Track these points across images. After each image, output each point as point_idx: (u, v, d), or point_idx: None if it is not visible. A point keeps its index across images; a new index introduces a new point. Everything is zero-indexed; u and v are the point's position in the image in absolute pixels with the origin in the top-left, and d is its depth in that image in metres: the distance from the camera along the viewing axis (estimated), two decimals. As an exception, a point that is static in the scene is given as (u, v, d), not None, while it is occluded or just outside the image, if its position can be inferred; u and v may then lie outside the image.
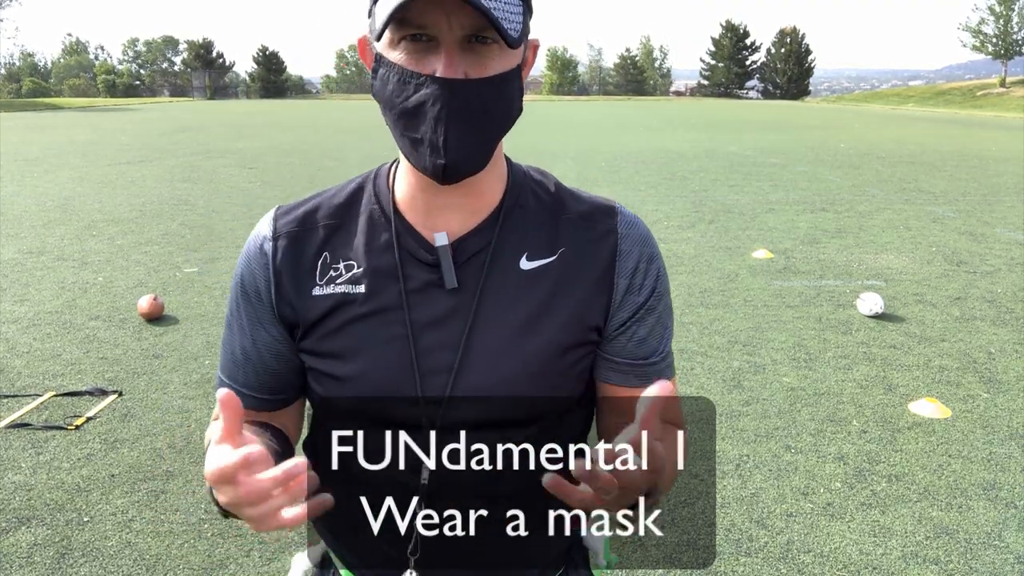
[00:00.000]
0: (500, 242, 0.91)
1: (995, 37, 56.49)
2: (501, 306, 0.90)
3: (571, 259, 0.91)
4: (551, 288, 0.91)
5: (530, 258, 0.91)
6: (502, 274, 0.90)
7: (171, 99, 69.44)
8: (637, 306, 0.94)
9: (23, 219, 8.98)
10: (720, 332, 5.12)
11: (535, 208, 0.94)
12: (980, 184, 12.24)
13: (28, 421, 3.75)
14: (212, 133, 23.46)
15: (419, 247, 0.91)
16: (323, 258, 0.92)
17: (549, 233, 0.92)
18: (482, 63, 0.82)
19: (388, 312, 0.90)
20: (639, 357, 0.96)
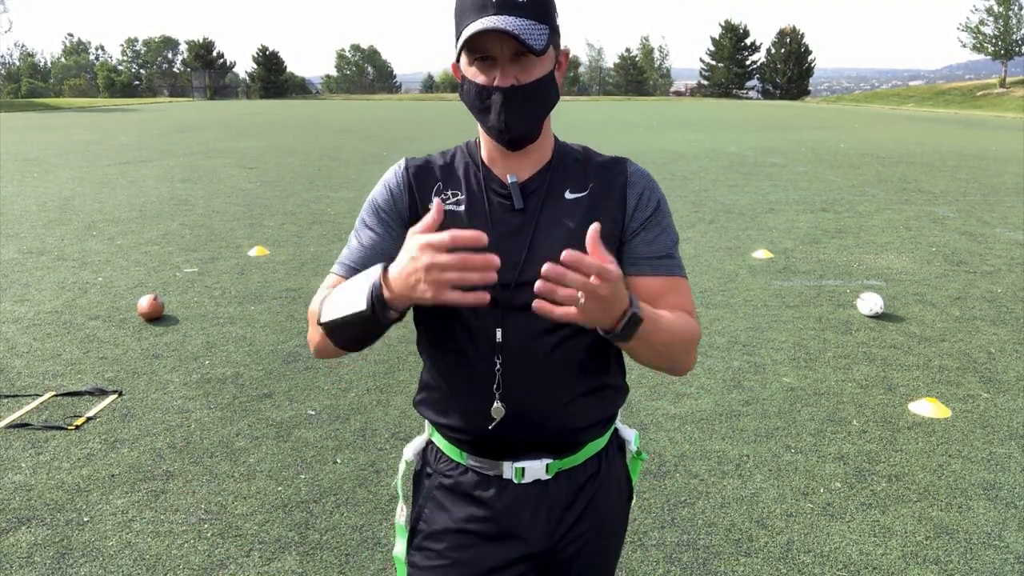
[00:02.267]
0: (551, 182, 1.32)
1: (995, 37, 56.47)
2: (552, 222, 1.29)
3: (597, 191, 1.32)
4: (585, 210, 1.30)
5: (571, 192, 1.32)
6: (554, 201, 1.31)
7: (171, 99, 69.42)
8: (644, 219, 1.31)
9: (23, 219, 8.98)
10: (720, 332, 5.12)
11: (572, 162, 1.35)
12: (980, 184, 12.24)
13: (28, 421, 3.75)
14: (212, 133, 23.45)
15: (498, 184, 1.32)
16: (437, 186, 1.33)
17: (583, 177, 1.34)
18: (526, 70, 1.22)
19: (478, 223, 1.28)
20: (651, 255, 1.31)
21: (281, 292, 6.00)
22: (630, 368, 4.66)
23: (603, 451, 1.39)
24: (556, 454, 1.32)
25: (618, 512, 1.44)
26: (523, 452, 1.31)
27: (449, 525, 1.35)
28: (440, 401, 1.36)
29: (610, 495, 1.40)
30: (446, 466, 1.38)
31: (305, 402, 4.01)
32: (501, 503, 1.33)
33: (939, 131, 25.70)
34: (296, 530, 2.89)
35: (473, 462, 1.34)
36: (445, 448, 1.38)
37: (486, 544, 1.33)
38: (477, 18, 1.17)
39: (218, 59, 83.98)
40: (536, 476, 1.32)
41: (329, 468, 3.34)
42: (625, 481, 1.46)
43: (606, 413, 1.37)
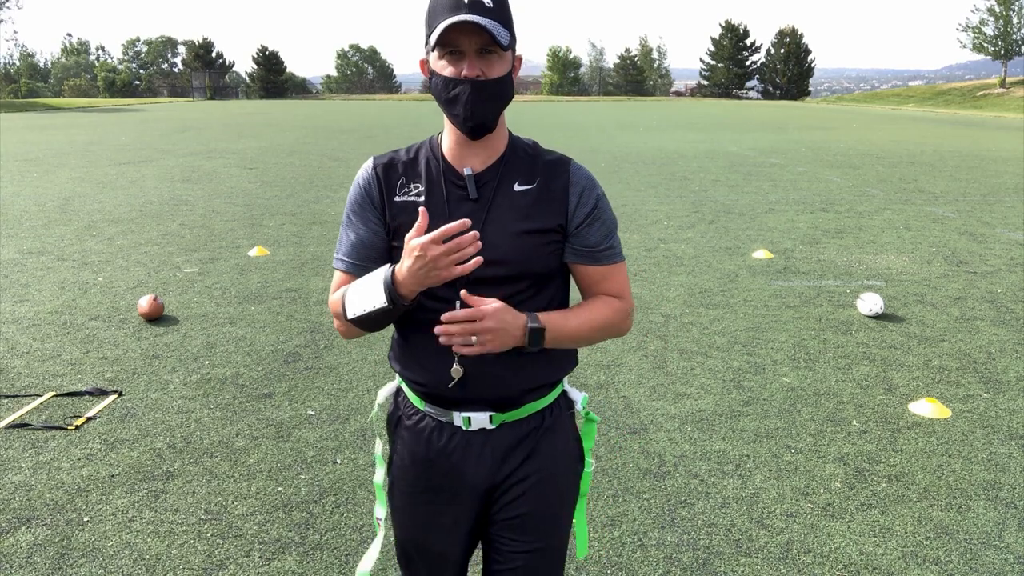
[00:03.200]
0: (502, 175, 1.50)
1: (995, 37, 56.46)
2: (502, 209, 1.48)
3: (543, 186, 1.50)
4: (532, 201, 1.49)
5: (520, 184, 1.50)
6: (504, 192, 1.49)
7: (171, 99, 69.40)
8: (585, 214, 1.50)
9: (23, 219, 8.98)
10: (720, 332, 5.12)
11: (523, 157, 1.53)
12: (980, 184, 12.24)
13: (28, 421, 3.75)
14: (212, 133, 23.45)
15: (455, 176, 1.50)
16: (401, 180, 1.52)
17: (531, 171, 1.51)
18: (490, 66, 1.39)
19: (436, 211, 1.47)
20: (591, 247, 1.52)
21: (281, 292, 6.00)
22: (630, 369, 4.63)
23: (547, 409, 1.58)
24: (498, 409, 1.53)
25: (564, 467, 1.61)
26: (470, 405, 1.52)
27: (412, 460, 1.61)
28: (407, 358, 1.58)
29: (554, 448, 1.59)
30: (410, 410, 1.62)
31: (305, 402, 4.01)
32: (451, 445, 1.56)
33: (939, 131, 25.70)
34: (296, 530, 2.89)
35: (430, 409, 1.57)
36: (409, 395, 1.62)
37: (439, 477, 1.58)
38: (450, 16, 1.34)
39: (218, 59, 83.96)
40: (481, 425, 1.54)
41: (329, 468, 3.34)
42: (574, 440, 1.65)
43: (551, 378, 1.57)
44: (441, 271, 1.30)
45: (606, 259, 1.53)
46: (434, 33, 1.35)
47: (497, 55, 1.38)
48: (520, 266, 1.46)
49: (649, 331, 5.13)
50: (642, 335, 5.05)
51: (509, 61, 1.42)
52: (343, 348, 4.78)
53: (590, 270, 1.53)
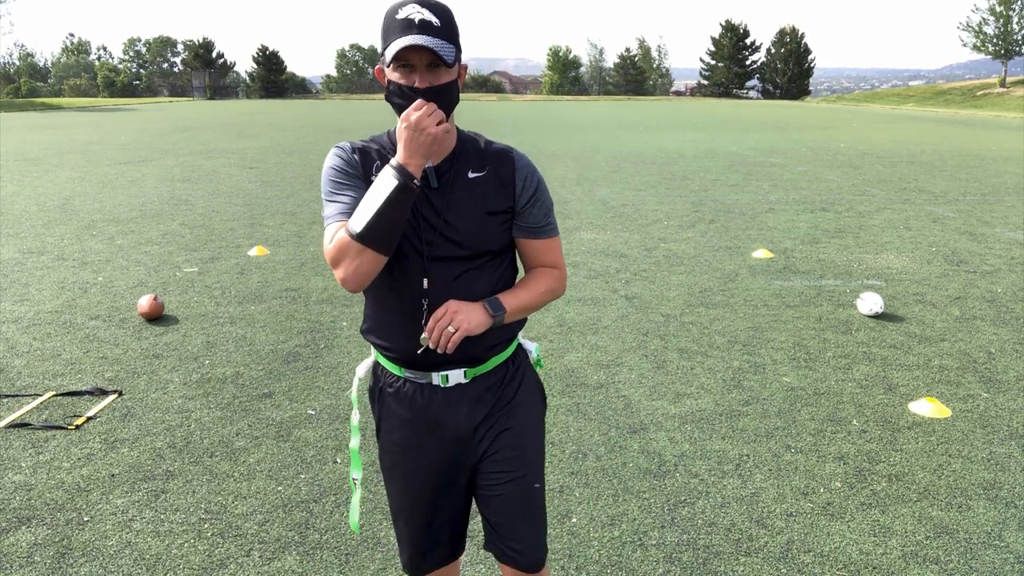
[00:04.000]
0: (457, 166, 1.71)
1: (995, 37, 56.44)
2: (460, 195, 1.69)
3: (493, 173, 1.72)
4: (484, 186, 1.71)
5: (472, 172, 1.71)
6: (460, 181, 1.70)
7: (171, 99, 69.38)
8: (529, 196, 1.74)
9: (23, 219, 8.97)
10: (720, 332, 5.12)
11: (472, 149, 1.74)
12: (980, 184, 12.24)
13: (28, 421, 3.75)
14: (212, 133, 23.45)
15: None
16: (375, 165, 1.69)
17: (481, 160, 1.73)
18: (438, 77, 1.58)
19: None
20: (533, 224, 1.77)
21: (281, 292, 6.00)
22: (630, 368, 4.62)
23: (508, 360, 1.84)
24: (470, 364, 1.76)
25: (531, 405, 1.88)
26: (445, 365, 1.74)
27: (397, 422, 1.82)
28: (381, 330, 1.77)
29: (520, 392, 1.85)
30: (390, 379, 1.81)
31: (305, 402, 4.01)
32: (432, 403, 1.77)
33: (939, 131, 25.70)
34: (296, 530, 2.89)
35: (409, 374, 1.77)
36: (387, 365, 1.81)
37: (425, 434, 1.80)
38: (402, 36, 1.52)
39: (218, 59, 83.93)
40: (457, 381, 1.76)
41: (329, 468, 3.34)
42: (535, 384, 1.92)
43: (507, 335, 1.81)
44: (429, 128, 1.51)
45: (546, 233, 1.79)
46: (389, 50, 1.55)
47: (444, 70, 1.58)
48: (479, 244, 1.69)
49: (649, 331, 5.13)
50: (642, 335, 5.05)
51: (455, 71, 1.61)
52: (343, 348, 4.79)
53: (533, 243, 1.78)
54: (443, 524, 1.89)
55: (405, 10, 1.54)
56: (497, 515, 1.84)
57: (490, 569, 2.67)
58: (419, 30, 1.52)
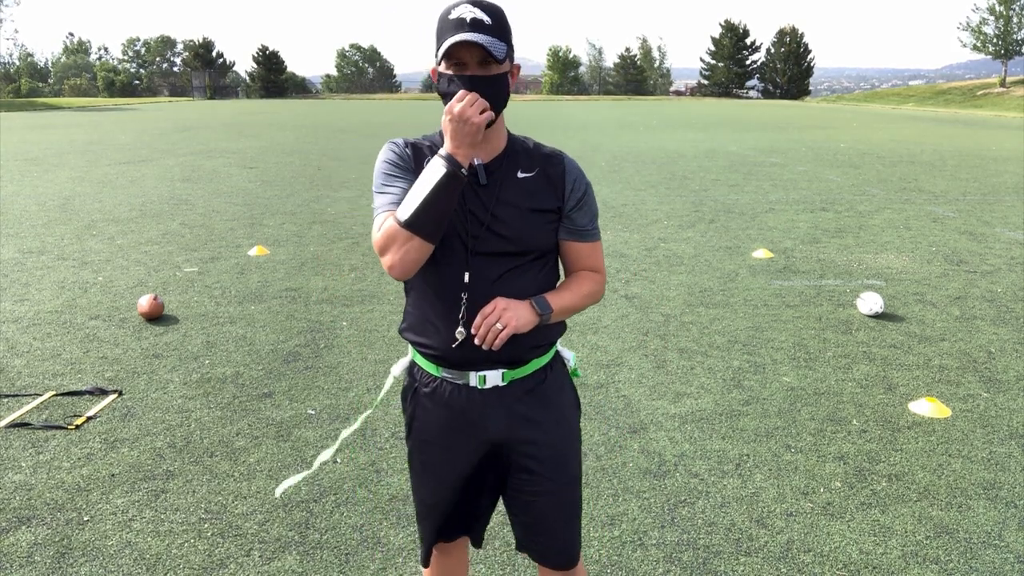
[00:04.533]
0: (506, 165, 1.73)
1: (995, 37, 56.44)
2: (508, 192, 1.71)
3: (542, 173, 1.75)
4: (532, 186, 1.73)
5: (522, 172, 1.73)
6: (509, 178, 1.72)
7: (171, 99, 69.37)
8: (577, 199, 1.76)
9: (23, 219, 8.97)
10: (720, 332, 5.12)
11: (522, 150, 1.77)
12: (980, 184, 12.23)
13: (28, 421, 3.75)
14: (212, 133, 23.45)
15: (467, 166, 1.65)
16: (426, 160, 1.70)
17: (530, 161, 1.75)
18: (487, 71, 1.61)
19: None
20: (579, 228, 1.78)
21: (281, 292, 6.00)
22: (630, 368, 4.63)
23: (547, 365, 1.83)
24: (508, 367, 1.75)
25: (568, 414, 1.87)
26: (483, 365, 1.73)
27: (432, 422, 1.82)
28: (420, 327, 1.77)
29: (558, 397, 1.84)
30: (427, 379, 1.81)
31: (305, 402, 4.01)
32: (469, 403, 1.76)
33: (939, 131, 25.70)
34: (296, 530, 2.89)
35: (446, 374, 1.77)
36: (424, 365, 1.81)
37: (460, 434, 1.79)
38: (454, 34, 1.57)
39: (218, 59, 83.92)
40: (495, 383, 1.75)
41: (329, 468, 3.34)
42: (571, 390, 1.90)
43: (547, 339, 1.80)
44: (472, 118, 1.53)
45: (591, 237, 1.81)
46: (441, 48, 1.59)
47: (495, 65, 1.61)
48: (525, 242, 1.70)
49: (649, 331, 5.13)
50: (642, 335, 5.05)
51: (506, 68, 1.64)
52: (343, 348, 4.79)
53: (578, 246, 1.79)
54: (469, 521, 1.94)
55: (458, 10, 1.59)
56: (535, 519, 1.85)
57: (490, 569, 2.67)
58: (471, 28, 1.56)
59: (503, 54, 1.59)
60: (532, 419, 1.79)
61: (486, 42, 1.56)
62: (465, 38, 1.55)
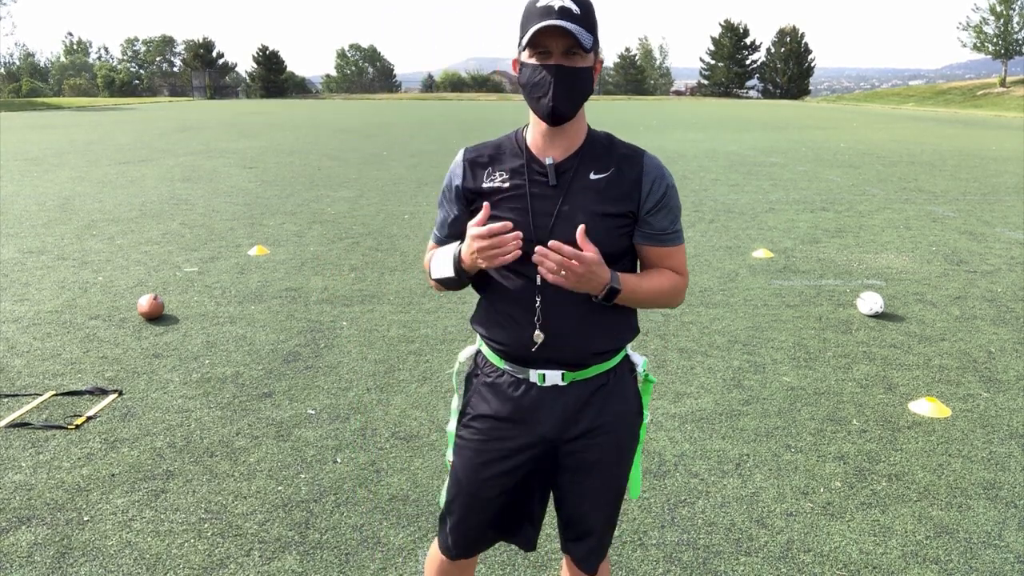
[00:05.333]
0: (580, 164, 1.70)
1: (995, 37, 56.43)
2: (577, 195, 1.68)
3: (617, 174, 1.70)
4: (604, 188, 1.69)
5: (596, 173, 1.70)
6: (581, 179, 1.69)
7: (171, 99, 69.38)
8: (656, 201, 1.70)
9: (23, 219, 8.98)
10: (720, 332, 5.12)
11: (599, 148, 1.72)
12: (980, 184, 12.23)
13: (28, 421, 3.75)
14: (212, 133, 23.45)
15: (538, 164, 1.71)
16: (488, 169, 1.74)
17: (607, 161, 1.71)
18: (573, 63, 1.59)
19: (519, 195, 1.70)
20: (659, 231, 1.72)
21: (281, 292, 6.00)
22: (630, 368, 4.59)
23: (611, 370, 1.79)
24: (569, 368, 1.74)
25: (626, 420, 1.83)
26: (546, 364, 1.74)
27: (487, 412, 1.82)
28: (491, 323, 1.79)
29: (616, 404, 1.80)
30: (489, 369, 1.83)
31: (305, 402, 4.01)
32: (526, 399, 1.77)
33: (939, 130, 25.70)
34: (296, 530, 2.89)
35: (508, 367, 1.78)
36: (489, 356, 1.83)
37: (513, 427, 1.79)
38: (541, 21, 1.55)
39: (218, 59, 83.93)
40: (554, 382, 1.75)
41: (329, 468, 3.34)
42: (634, 397, 1.85)
43: (615, 344, 1.77)
44: (487, 260, 1.58)
45: (671, 241, 1.75)
46: (527, 35, 1.57)
47: (580, 56, 1.59)
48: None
49: (649, 330, 5.13)
50: (642, 334, 5.05)
51: (591, 61, 1.63)
52: (343, 348, 4.79)
53: (656, 251, 1.74)
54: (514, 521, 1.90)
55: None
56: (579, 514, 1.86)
57: (490, 569, 2.67)
58: (559, 15, 1.55)
59: (590, 44, 1.57)
60: (586, 421, 1.77)
61: (574, 29, 1.54)
62: (553, 22, 1.53)
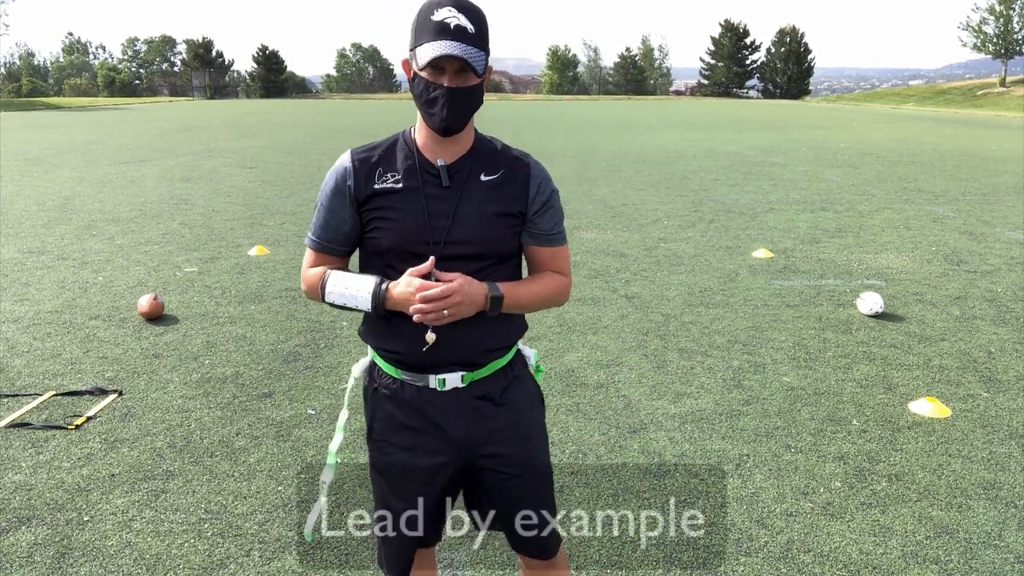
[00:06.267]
0: (471, 167, 1.73)
1: (995, 37, 56.43)
2: (470, 196, 1.71)
3: (506, 177, 1.74)
4: (495, 189, 1.73)
5: (486, 175, 1.73)
6: (472, 181, 1.72)
7: (171, 99, 69.36)
8: (542, 203, 1.76)
9: (23, 219, 8.97)
10: (720, 332, 5.12)
11: (488, 152, 1.76)
12: (980, 184, 12.23)
13: (28, 421, 3.75)
14: (212, 133, 23.45)
15: (429, 167, 1.72)
16: (378, 170, 1.72)
17: (495, 163, 1.75)
18: (465, 80, 1.61)
19: (413, 196, 1.70)
20: (543, 232, 1.78)
21: (281, 292, 6.00)
22: (630, 368, 4.62)
23: (507, 366, 1.83)
24: (467, 368, 1.76)
25: (530, 409, 1.88)
26: (443, 368, 1.74)
27: (392, 424, 1.82)
28: (384, 333, 1.77)
29: (519, 398, 1.85)
30: (387, 380, 1.81)
31: (305, 402, 4.01)
32: (429, 406, 1.77)
33: (939, 130, 25.70)
34: (296, 530, 2.89)
35: (406, 376, 1.78)
36: (384, 367, 1.81)
37: (421, 435, 1.80)
38: (435, 39, 1.55)
39: (218, 58, 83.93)
40: (454, 384, 1.76)
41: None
42: (533, 386, 1.92)
43: (508, 341, 1.82)
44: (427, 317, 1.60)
45: (556, 241, 1.81)
46: (420, 54, 1.57)
47: (472, 75, 1.61)
48: (486, 245, 1.71)
49: (649, 331, 5.13)
50: (642, 335, 5.05)
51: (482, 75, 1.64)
52: (343, 348, 4.78)
53: (542, 251, 1.80)
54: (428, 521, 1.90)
55: (441, 12, 1.56)
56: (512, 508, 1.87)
57: (490, 569, 2.67)
58: (453, 36, 1.55)
59: (483, 67, 1.59)
60: (492, 419, 1.80)
61: (469, 56, 1.55)
62: (447, 51, 1.53)
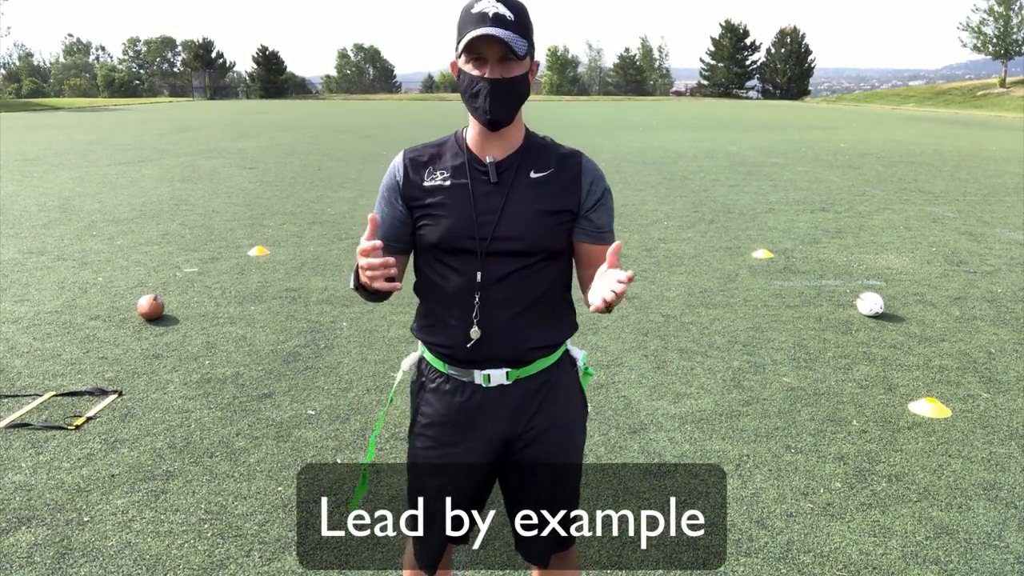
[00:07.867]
0: (520, 163, 1.74)
1: (995, 37, 56.42)
2: (518, 193, 1.72)
3: (556, 174, 1.75)
4: (545, 186, 1.73)
5: (536, 172, 1.74)
6: (521, 178, 1.73)
7: (171, 99, 69.38)
8: (594, 201, 1.76)
9: (23, 219, 8.97)
10: (720, 332, 5.12)
11: (538, 149, 1.77)
12: (980, 184, 12.23)
13: (28, 421, 3.75)
14: (212, 133, 23.45)
15: (478, 163, 1.74)
16: (428, 168, 1.76)
17: (546, 161, 1.75)
18: (508, 70, 1.63)
19: (461, 192, 1.72)
20: (595, 229, 1.77)
21: (281, 292, 6.00)
22: (630, 368, 4.63)
23: (554, 365, 1.84)
24: (513, 366, 1.78)
25: (572, 413, 1.89)
26: (488, 364, 1.76)
27: (435, 418, 1.84)
28: (432, 326, 1.81)
29: (561, 398, 1.85)
30: (434, 375, 1.84)
31: (305, 402, 4.01)
32: (473, 401, 1.80)
33: (939, 131, 25.70)
34: (296, 530, 2.89)
35: (453, 371, 1.80)
36: (432, 361, 1.84)
37: (462, 430, 1.82)
38: (476, 28, 1.58)
39: (218, 59, 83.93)
40: (499, 382, 1.78)
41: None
42: (578, 390, 1.92)
43: (555, 340, 1.82)
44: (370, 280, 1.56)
45: (608, 240, 1.78)
46: (462, 42, 1.61)
47: (515, 63, 1.63)
48: (534, 242, 1.71)
49: (649, 331, 5.13)
50: (642, 335, 5.05)
51: (526, 65, 1.67)
52: (343, 348, 4.78)
53: (593, 248, 1.77)
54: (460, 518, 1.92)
55: (481, 4, 1.60)
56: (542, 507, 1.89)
57: (490, 569, 2.67)
58: (492, 23, 1.58)
59: (524, 51, 1.61)
60: (533, 421, 1.81)
61: (508, 38, 1.57)
62: (486, 32, 1.56)
